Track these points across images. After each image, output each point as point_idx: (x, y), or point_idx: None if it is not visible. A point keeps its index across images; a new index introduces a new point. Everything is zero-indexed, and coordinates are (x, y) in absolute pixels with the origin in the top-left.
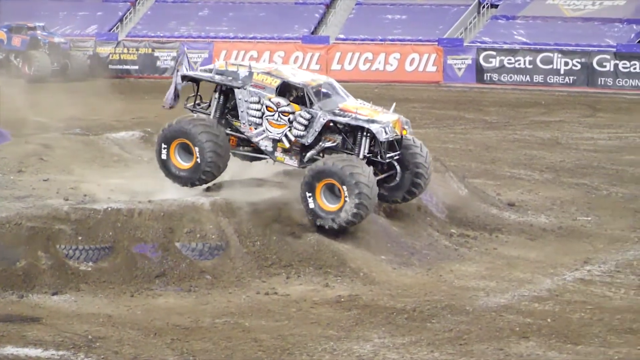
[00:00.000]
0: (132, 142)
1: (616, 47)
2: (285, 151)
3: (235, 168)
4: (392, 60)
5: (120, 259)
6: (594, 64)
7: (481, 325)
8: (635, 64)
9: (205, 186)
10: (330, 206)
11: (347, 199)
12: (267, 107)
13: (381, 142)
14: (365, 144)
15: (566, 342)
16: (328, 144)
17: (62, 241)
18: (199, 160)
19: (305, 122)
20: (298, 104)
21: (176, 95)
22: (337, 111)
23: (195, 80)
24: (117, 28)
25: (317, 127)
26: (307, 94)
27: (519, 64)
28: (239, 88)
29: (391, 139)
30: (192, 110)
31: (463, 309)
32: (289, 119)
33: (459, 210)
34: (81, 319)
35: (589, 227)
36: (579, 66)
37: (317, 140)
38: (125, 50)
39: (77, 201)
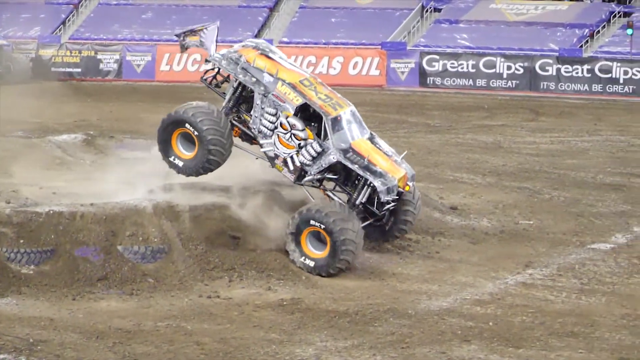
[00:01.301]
0: (75, 145)
1: (559, 51)
2: (285, 163)
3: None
4: (335, 64)
5: (62, 262)
6: (537, 68)
7: (423, 329)
8: (577, 69)
9: (147, 189)
10: (315, 252)
11: (332, 249)
12: (281, 123)
13: (382, 202)
14: (365, 192)
15: (508, 346)
16: (329, 176)
17: (4, 244)
18: (201, 150)
19: (315, 154)
20: (318, 126)
21: (183, 47)
22: (349, 151)
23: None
24: (60, 30)
25: (324, 162)
26: (324, 125)
27: (462, 68)
28: (259, 94)
29: (391, 201)
30: (207, 86)
31: (405, 312)
32: (299, 144)
33: None
34: (22, 322)
35: (531, 231)
36: (521, 70)
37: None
38: (68, 53)
39: (19, 204)
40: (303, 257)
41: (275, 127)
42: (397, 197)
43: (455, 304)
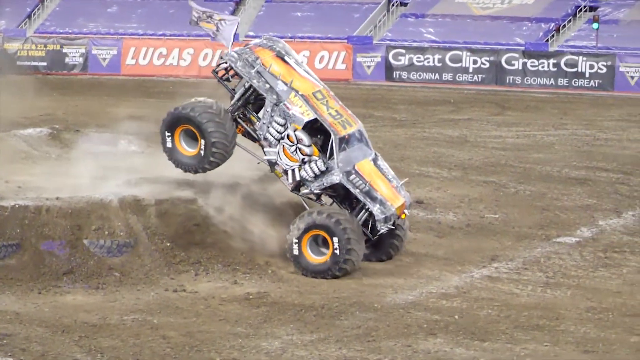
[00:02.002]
0: (40, 139)
1: (525, 45)
2: (285, 171)
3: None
4: (301, 58)
5: (27, 256)
6: (503, 63)
7: (389, 322)
8: (543, 63)
9: (113, 183)
10: (316, 257)
11: (336, 251)
12: (288, 135)
13: (377, 228)
14: (362, 216)
15: (473, 339)
16: (329, 192)
17: None
18: (204, 147)
19: (318, 172)
20: (324, 139)
21: (194, 22)
22: (352, 173)
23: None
24: (25, 24)
25: (326, 182)
26: (332, 144)
27: (428, 62)
28: (270, 102)
29: (387, 229)
30: (219, 80)
31: (371, 306)
32: (303, 159)
33: None
34: None
35: (496, 225)
36: (487, 64)
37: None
38: (34, 47)
39: None
40: (302, 260)
41: (282, 138)
42: (393, 227)
43: (421, 297)
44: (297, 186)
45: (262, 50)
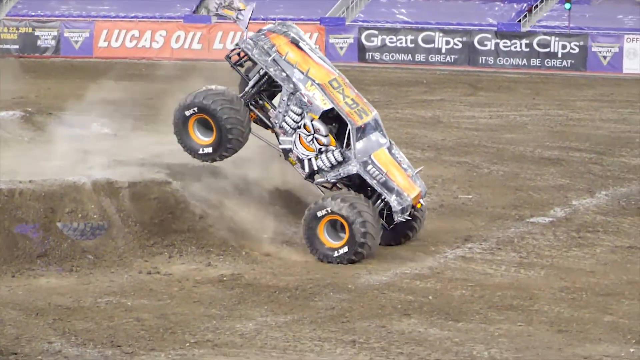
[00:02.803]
0: (13, 122)
1: (497, 26)
2: (299, 159)
3: None
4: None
5: (1, 239)
6: (475, 43)
7: (363, 303)
8: (515, 43)
9: (86, 166)
10: (333, 242)
11: (352, 236)
12: (305, 125)
13: (393, 219)
14: (378, 205)
15: (447, 319)
16: (344, 182)
17: None
18: (219, 136)
19: (335, 163)
20: (339, 128)
21: (214, 8)
22: (369, 163)
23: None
24: None
25: (343, 172)
26: (349, 133)
27: (401, 43)
28: (287, 90)
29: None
30: (232, 66)
31: (345, 287)
32: (320, 149)
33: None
34: None
35: (470, 205)
36: (460, 45)
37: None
38: (6, 30)
39: None
40: (318, 244)
41: (298, 127)
42: (410, 217)
43: (395, 278)
44: (312, 174)
45: (277, 37)
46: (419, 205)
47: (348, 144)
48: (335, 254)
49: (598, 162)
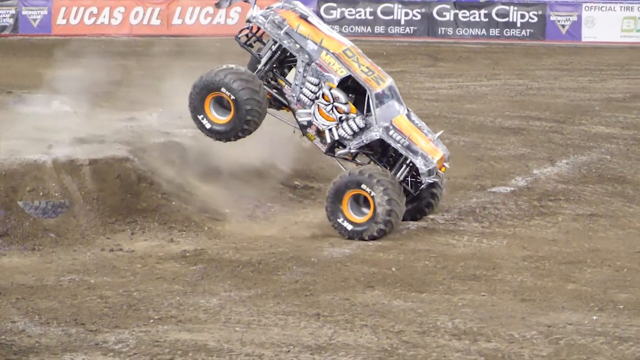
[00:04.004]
0: None
1: None
2: (319, 133)
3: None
4: (233, 14)
5: None
6: (434, 14)
7: (327, 276)
8: (474, 13)
9: (47, 144)
10: (358, 218)
11: (376, 200)
12: (323, 94)
13: (420, 181)
14: (404, 171)
15: (411, 291)
16: (366, 151)
17: None
18: (237, 116)
19: (357, 130)
20: (356, 98)
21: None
22: (390, 128)
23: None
24: None
25: (366, 139)
26: (369, 99)
27: (360, 15)
28: (302, 62)
29: (429, 182)
30: (242, 46)
31: (308, 260)
32: (341, 117)
33: (302, 163)
34: None
35: None
36: (419, 16)
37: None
38: None
39: None
40: (342, 219)
41: (317, 97)
42: (437, 178)
43: (357, 250)
44: (332, 148)
45: (286, 12)
46: (443, 169)
47: (369, 111)
48: (360, 229)
49: (558, 131)
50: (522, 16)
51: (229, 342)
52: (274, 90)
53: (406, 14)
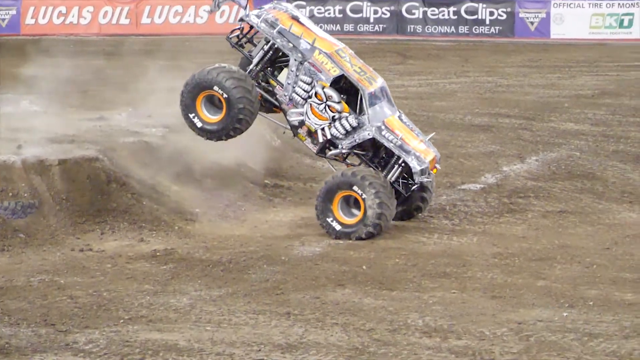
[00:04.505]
0: None
1: None
2: (310, 133)
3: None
4: (202, 13)
5: None
6: (404, 12)
7: (297, 275)
8: (443, 11)
9: (16, 144)
10: (347, 219)
11: (367, 203)
12: (316, 93)
13: (413, 181)
14: (396, 172)
15: (382, 289)
16: (358, 151)
17: None
18: (228, 115)
19: (349, 129)
20: (348, 98)
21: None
22: (383, 128)
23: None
24: None
25: (358, 138)
26: (361, 99)
27: (329, 14)
28: (295, 60)
29: (421, 182)
30: (233, 46)
31: (279, 259)
32: (333, 116)
33: (272, 161)
34: None
35: None
36: (388, 14)
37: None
38: None
39: None
40: (331, 219)
41: (309, 97)
42: (429, 179)
43: (328, 248)
44: (323, 148)
45: (279, 13)
46: (434, 171)
47: (361, 110)
48: (348, 231)
49: (528, 128)
50: (491, 13)
51: (199, 342)
52: (266, 91)
53: (375, 12)
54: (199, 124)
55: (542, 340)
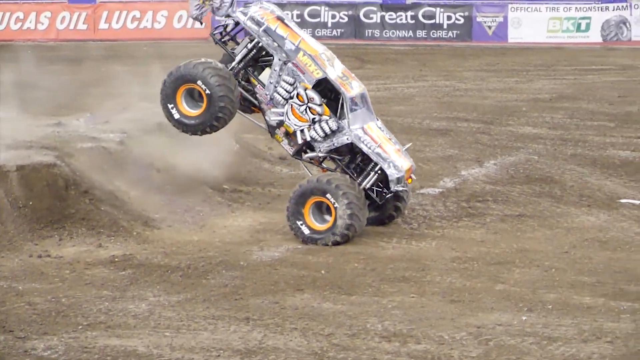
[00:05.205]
0: None
1: None
2: (287, 135)
3: None
4: (160, 18)
5: None
6: (361, 16)
7: (256, 280)
8: (401, 15)
9: None
10: (317, 225)
11: (338, 212)
12: (298, 94)
13: (389, 190)
14: (372, 179)
15: (340, 293)
16: (334, 156)
17: None
18: (208, 110)
19: (329, 132)
20: (328, 102)
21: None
22: (361, 134)
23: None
24: None
25: (337, 142)
26: (343, 104)
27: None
28: (279, 60)
29: (397, 191)
30: (216, 42)
31: (237, 264)
32: (314, 118)
33: (231, 166)
34: None
35: None
36: (346, 19)
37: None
38: None
39: None
40: (301, 222)
41: (291, 97)
42: (405, 188)
43: (287, 253)
44: (300, 151)
45: (265, 12)
46: (409, 181)
47: (342, 115)
48: (316, 236)
49: (486, 132)
50: (449, 17)
51: (158, 347)
52: (246, 90)
53: (333, 17)
54: (176, 115)
55: (501, 344)
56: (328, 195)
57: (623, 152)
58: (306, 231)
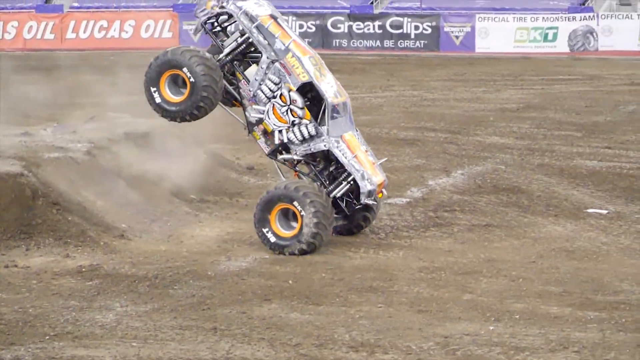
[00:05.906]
0: None
1: (350, 8)
2: (265, 133)
3: None
4: (127, 28)
5: None
6: (329, 26)
7: (223, 290)
8: (368, 25)
9: None
10: (283, 232)
11: (304, 220)
12: (281, 95)
13: (359, 201)
14: (343, 188)
15: (308, 303)
16: (309, 161)
17: None
18: (191, 96)
19: (307, 136)
20: (310, 106)
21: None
22: (339, 143)
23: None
24: None
25: (313, 147)
26: (325, 110)
27: None
28: (267, 58)
29: (367, 203)
30: (207, 32)
31: (205, 274)
32: (294, 121)
33: (198, 176)
34: None
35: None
36: (313, 28)
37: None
38: None
39: None
40: (267, 229)
41: (274, 97)
42: (375, 201)
43: (254, 263)
44: (275, 151)
45: (259, 9)
46: (380, 195)
47: (322, 121)
48: (282, 243)
49: (453, 142)
50: (416, 27)
51: (125, 358)
52: (229, 84)
53: (300, 26)
54: (158, 100)
55: (469, 354)
56: (295, 203)
57: (590, 162)
58: (272, 238)
